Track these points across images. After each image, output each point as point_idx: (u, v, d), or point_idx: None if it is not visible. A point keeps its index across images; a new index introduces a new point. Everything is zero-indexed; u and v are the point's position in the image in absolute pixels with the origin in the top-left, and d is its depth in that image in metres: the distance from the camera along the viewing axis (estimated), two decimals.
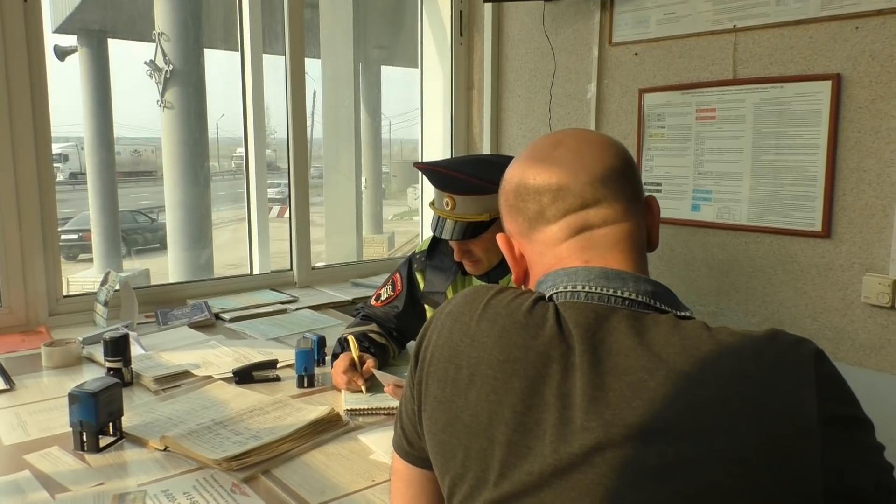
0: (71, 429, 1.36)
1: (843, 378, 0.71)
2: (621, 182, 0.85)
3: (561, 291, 0.81)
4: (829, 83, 2.03)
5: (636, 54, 2.51)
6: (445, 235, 1.68)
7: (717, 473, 0.66)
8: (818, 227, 2.09)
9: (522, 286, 0.93)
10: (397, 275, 1.95)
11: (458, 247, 1.71)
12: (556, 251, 0.85)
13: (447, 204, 1.66)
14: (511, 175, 0.91)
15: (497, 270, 1.72)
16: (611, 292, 0.79)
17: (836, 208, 2.06)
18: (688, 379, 0.70)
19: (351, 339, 1.74)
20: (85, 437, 1.35)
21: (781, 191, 2.17)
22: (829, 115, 2.04)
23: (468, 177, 1.61)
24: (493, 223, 1.63)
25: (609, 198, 0.84)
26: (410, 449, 0.93)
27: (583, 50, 2.69)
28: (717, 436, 0.67)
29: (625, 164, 0.87)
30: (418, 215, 3.50)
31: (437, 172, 1.67)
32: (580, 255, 0.83)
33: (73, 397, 1.34)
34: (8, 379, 1.74)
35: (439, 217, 1.70)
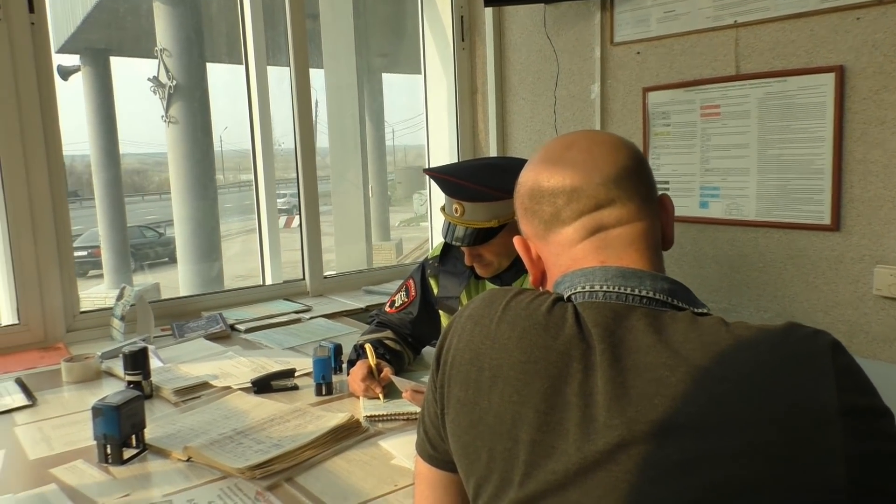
0: (95, 442, 1.38)
1: (860, 368, 0.71)
2: (634, 181, 0.86)
3: (579, 292, 0.82)
4: (832, 75, 2.04)
5: (638, 53, 2.53)
6: (456, 241, 1.70)
7: (739, 467, 0.67)
8: (827, 221, 2.09)
9: (540, 288, 0.95)
10: (411, 281, 1.96)
11: (469, 252, 1.73)
12: (571, 252, 0.87)
13: (457, 210, 1.68)
14: (525, 178, 0.92)
15: (509, 273, 1.74)
16: (628, 291, 0.80)
17: (844, 201, 2.07)
18: (707, 374, 0.71)
19: (368, 347, 1.75)
20: (109, 450, 1.37)
21: (789, 185, 2.17)
22: (834, 107, 2.04)
23: (477, 185, 1.63)
24: (501, 229, 1.65)
25: (622, 197, 0.85)
26: (434, 452, 0.94)
27: (585, 51, 2.70)
28: (737, 429, 0.68)
29: (637, 163, 0.88)
30: (425, 221, 3.51)
31: (447, 181, 1.69)
32: (596, 256, 0.85)
33: (97, 411, 1.36)
34: (30, 395, 1.76)
35: (450, 223, 1.71)
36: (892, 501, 0.68)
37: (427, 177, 3.38)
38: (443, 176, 1.69)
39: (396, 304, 1.96)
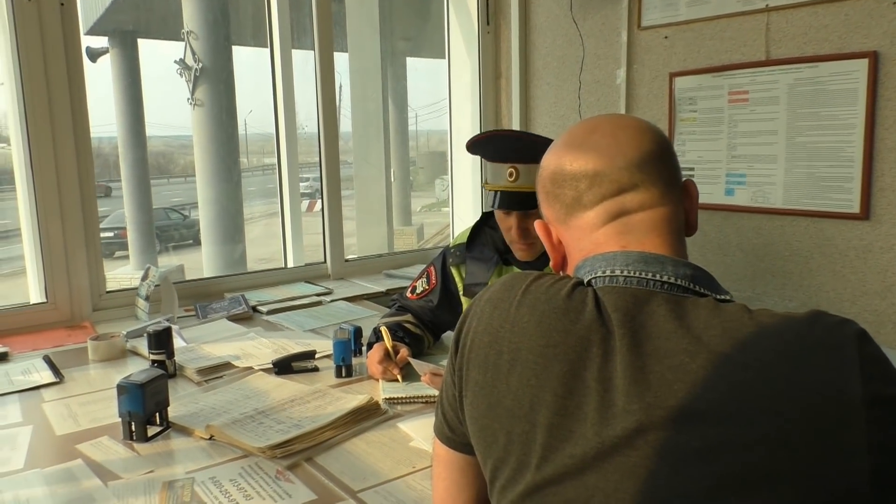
0: (120, 419, 1.41)
1: (887, 358, 0.70)
2: (658, 166, 0.85)
3: (599, 276, 0.81)
4: (865, 61, 1.99)
5: (666, 38, 2.49)
6: (512, 207, 1.65)
7: (760, 455, 0.66)
8: (856, 209, 2.06)
9: (560, 272, 0.94)
10: (432, 268, 1.96)
11: (519, 223, 1.67)
12: (593, 237, 0.86)
13: (511, 174, 1.64)
14: (548, 161, 0.91)
15: (541, 261, 1.71)
16: (649, 276, 0.79)
17: (874, 189, 2.03)
18: (729, 361, 0.70)
19: (384, 329, 1.76)
20: (133, 427, 1.39)
21: (817, 173, 2.13)
22: (867, 94, 2.00)
23: (534, 141, 1.59)
24: None
25: (646, 182, 0.84)
26: (452, 434, 0.94)
27: (611, 35, 2.67)
28: (759, 417, 0.67)
29: (661, 148, 0.86)
30: (447, 206, 3.51)
31: (505, 138, 1.65)
32: (617, 241, 0.84)
33: (122, 388, 1.38)
34: (57, 372, 1.80)
35: (498, 192, 1.67)
36: None
37: (450, 161, 3.40)
38: (501, 133, 1.64)
39: (417, 291, 1.96)
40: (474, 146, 1.76)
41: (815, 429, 0.66)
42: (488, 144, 1.71)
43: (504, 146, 1.66)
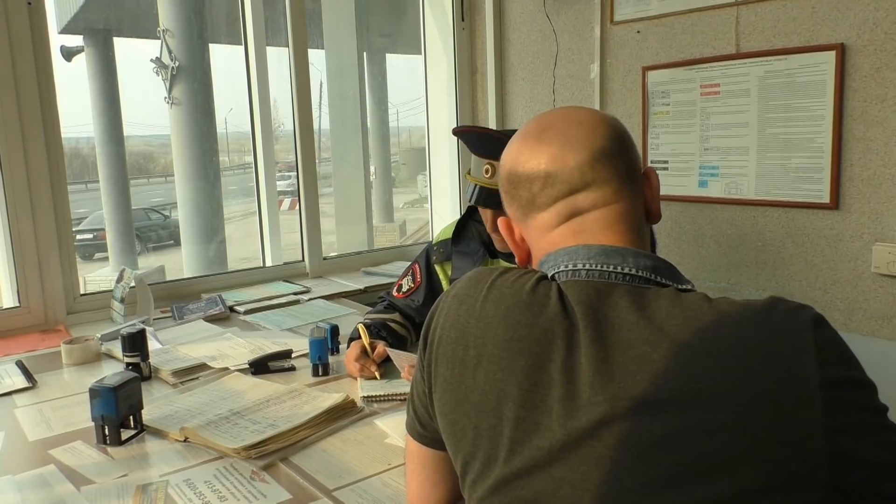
0: (93, 423, 1.39)
1: (843, 342, 0.72)
2: (613, 162, 0.85)
3: (562, 270, 0.82)
4: (833, 53, 2.02)
5: (638, 32, 2.50)
6: (486, 204, 1.67)
7: (723, 442, 0.67)
8: (826, 199, 2.08)
9: (527, 267, 0.95)
10: (416, 266, 1.95)
11: (493, 218, 1.69)
12: (549, 237, 0.87)
13: (486, 171, 1.65)
14: (504, 160, 0.92)
15: None
16: (611, 269, 0.80)
17: (843, 179, 2.06)
18: (690, 350, 0.71)
19: (360, 327, 1.75)
20: (107, 431, 1.38)
21: (788, 163, 2.16)
22: (834, 85, 2.02)
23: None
24: None
25: (598, 180, 0.84)
26: (423, 431, 0.95)
27: (584, 30, 2.68)
28: (720, 405, 0.68)
29: (616, 143, 0.86)
30: (428, 202, 3.51)
31: (483, 135, 1.66)
32: (573, 240, 0.84)
33: (94, 392, 1.37)
34: (30, 377, 1.78)
35: (476, 185, 1.69)
36: (873, 473, 0.69)
37: (428, 158, 3.40)
38: (478, 129, 1.66)
39: (403, 290, 1.95)
40: (462, 134, 1.77)
41: (775, 414, 0.67)
42: (472, 135, 1.72)
43: (485, 142, 1.66)
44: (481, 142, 1.67)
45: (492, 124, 3.10)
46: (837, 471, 0.67)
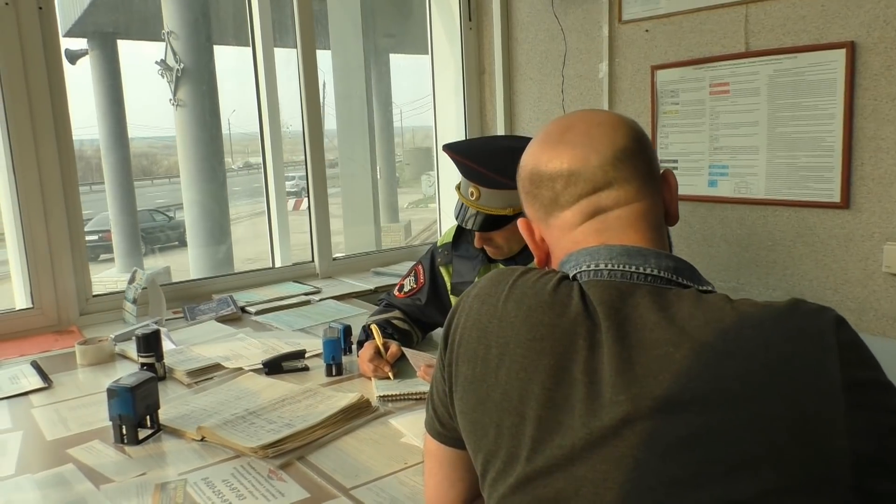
0: (110, 422, 1.40)
1: (864, 343, 0.72)
2: (634, 162, 0.86)
3: (584, 270, 0.83)
4: (843, 51, 2.02)
5: (647, 31, 2.51)
6: (467, 225, 1.69)
7: (745, 442, 0.68)
8: (837, 198, 2.08)
9: (546, 268, 0.95)
10: (420, 266, 1.96)
11: (480, 236, 1.72)
12: (572, 235, 0.87)
13: (472, 194, 1.66)
14: (525, 161, 0.92)
15: (521, 257, 1.72)
16: (633, 269, 0.80)
17: (854, 178, 2.06)
18: (712, 351, 0.71)
19: (374, 327, 1.76)
20: (124, 430, 1.39)
21: (798, 163, 2.16)
22: (845, 83, 2.02)
23: (494, 174, 1.61)
24: (515, 217, 1.62)
25: (620, 179, 0.85)
26: (443, 429, 0.95)
27: (593, 29, 2.68)
28: (742, 405, 0.68)
29: (636, 143, 0.87)
30: (434, 202, 3.51)
31: (464, 165, 1.67)
32: (596, 238, 0.85)
33: (112, 392, 1.38)
34: (45, 377, 1.79)
35: (463, 204, 1.70)
36: (894, 474, 0.69)
37: (435, 157, 3.40)
38: (461, 159, 1.67)
39: (405, 290, 1.96)
40: (447, 153, 1.77)
41: (796, 414, 0.68)
42: (455, 163, 1.73)
43: (466, 172, 1.68)
44: (462, 167, 1.69)
45: (500, 124, 3.10)
46: (859, 471, 0.67)
